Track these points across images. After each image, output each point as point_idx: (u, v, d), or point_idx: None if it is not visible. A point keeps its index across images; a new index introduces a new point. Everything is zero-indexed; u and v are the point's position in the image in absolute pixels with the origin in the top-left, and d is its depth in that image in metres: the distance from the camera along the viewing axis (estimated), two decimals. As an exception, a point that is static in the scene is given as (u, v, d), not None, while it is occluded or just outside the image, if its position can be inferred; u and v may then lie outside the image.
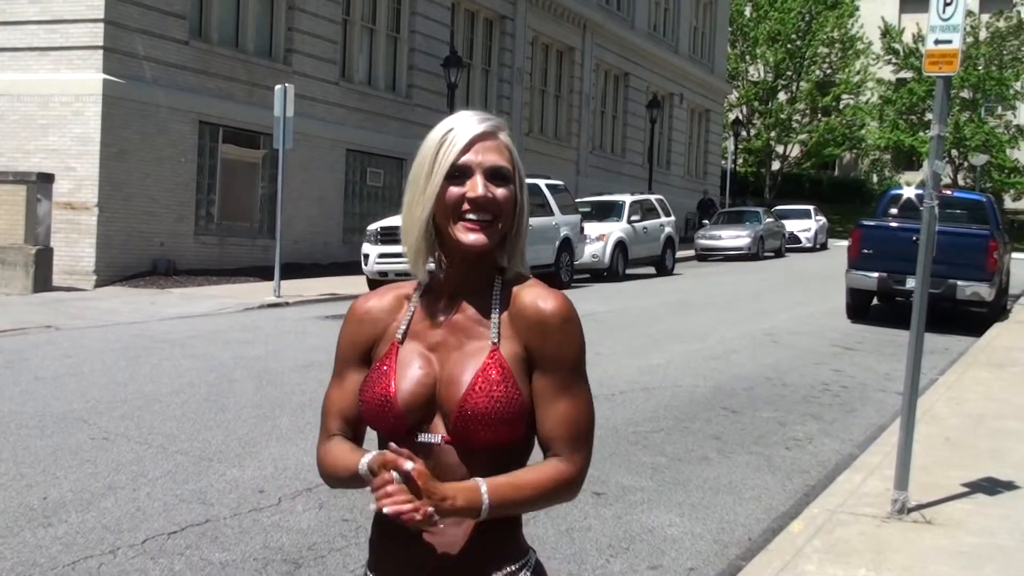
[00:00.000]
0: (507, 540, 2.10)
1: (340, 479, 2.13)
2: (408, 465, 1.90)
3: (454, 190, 2.04)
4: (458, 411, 2.02)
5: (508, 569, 2.09)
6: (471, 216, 2.04)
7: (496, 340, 2.07)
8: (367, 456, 2.03)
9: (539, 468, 2.06)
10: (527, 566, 2.13)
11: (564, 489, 2.08)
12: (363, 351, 2.18)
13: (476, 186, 2.04)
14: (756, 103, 57.21)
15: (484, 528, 2.03)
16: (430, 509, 1.88)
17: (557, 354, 2.07)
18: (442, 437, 2.05)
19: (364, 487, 2.06)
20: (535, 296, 2.09)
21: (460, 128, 2.07)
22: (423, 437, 2.06)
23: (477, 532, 2.04)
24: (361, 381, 2.15)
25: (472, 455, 2.03)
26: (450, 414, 2.03)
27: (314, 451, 2.26)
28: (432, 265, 2.12)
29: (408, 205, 2.10)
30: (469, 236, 2.04)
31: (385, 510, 1.87)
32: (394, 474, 1.90)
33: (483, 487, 1.98)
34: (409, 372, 2.08)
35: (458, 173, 2.04)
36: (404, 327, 2.14)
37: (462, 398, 2.01)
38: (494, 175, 2.06)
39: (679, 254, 29.91)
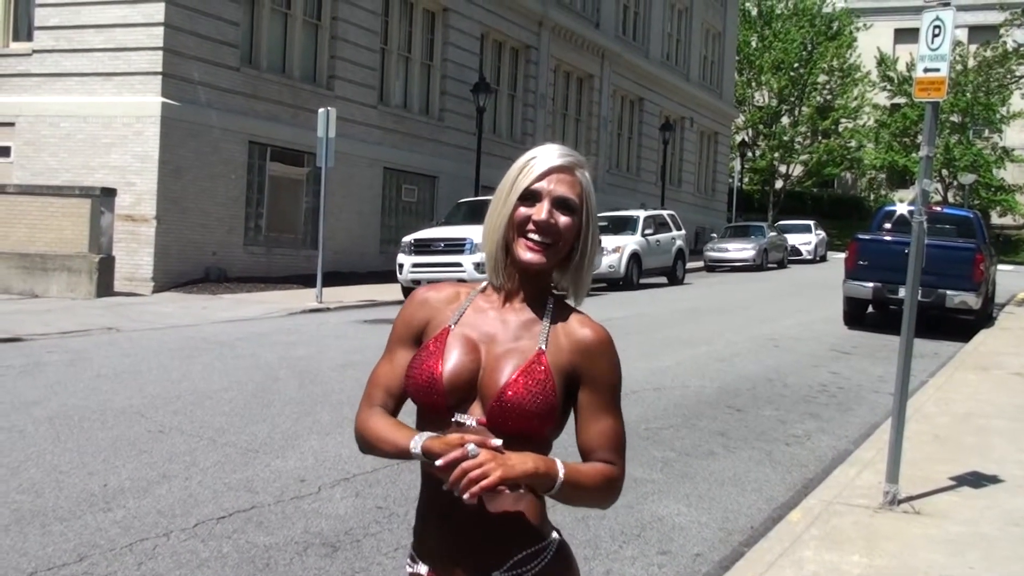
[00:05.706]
0: (534, 521, 2.10)
1: (378, 449, 2.13)
2: (496, 442, 1.93)
3: (523, 210, 2.09)
4: (497, 398, 2.03)
5: (532, 548, 2.08)
6: (533, 236, 2.08)
7: (544, 347, 2.09)
8: (419, 437, 2.02)
9: (593, 466, 2.10)
10: (549, 547, 2.12)
11: (613, 488, 2.11)
12: (416, 332, 2.20)
13: (542, 211, 2.08)
14: (761, 126, 56.95)
15: (516, 507, 2.04)
16: (502, 474, 1.89)
17: (603, 377, 2.12)
18: (477, 420, 2.06)
19: (399, 460, 2.09)
20: (585, 324, 2.14)
21: (541, 158, 2.12)
22: (460, 418, 2.07)
23: (509, 511, 2.04)
24: (409, 359, 2.17)
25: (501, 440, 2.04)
26: (489, 399, 2.05)
27: (352, 444, 2.26)
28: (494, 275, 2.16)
29: (489, 216, 2.16)
30: (527, 255, 2.09)
31: (472, 490, 1.88)
32: (470, 447, 1.90)
33: (559, 462, 2.00)
34: (456, 354, 2.10)
35: (530, 196, 2.09)
36: (458, 316, 2.17)
37: (503, 386, 2.03)
38: (561, 204, 2.10)
39: (689, 265, 29.79)
